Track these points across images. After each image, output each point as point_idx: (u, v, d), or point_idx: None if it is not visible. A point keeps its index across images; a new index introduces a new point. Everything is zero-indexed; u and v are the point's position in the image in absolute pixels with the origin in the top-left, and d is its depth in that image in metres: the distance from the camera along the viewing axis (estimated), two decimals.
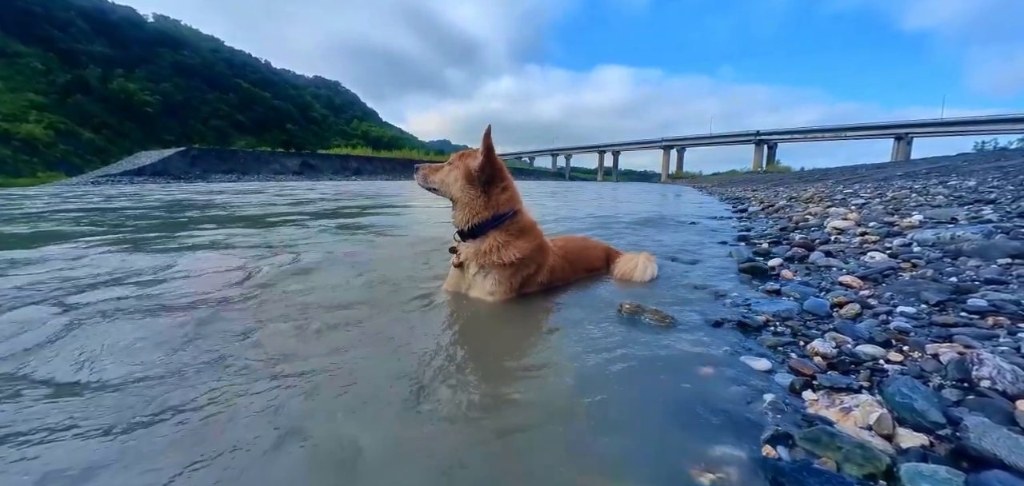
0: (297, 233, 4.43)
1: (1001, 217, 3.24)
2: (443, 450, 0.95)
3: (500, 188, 1.99)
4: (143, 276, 2.48)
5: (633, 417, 1.09)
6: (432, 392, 1.19)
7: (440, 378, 1.28)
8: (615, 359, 1.39)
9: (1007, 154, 15.37)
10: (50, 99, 57.00)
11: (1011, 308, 1.53)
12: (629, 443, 0.99)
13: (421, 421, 1.06)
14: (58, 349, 1.46)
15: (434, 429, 1.03)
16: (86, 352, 1.43)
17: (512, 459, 0.93)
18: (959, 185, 6.06)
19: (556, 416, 1.08)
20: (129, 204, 8.85)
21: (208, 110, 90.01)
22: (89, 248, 3.45)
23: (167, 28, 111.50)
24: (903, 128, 58.58)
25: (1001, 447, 0.85)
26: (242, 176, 35.12)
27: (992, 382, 1.08)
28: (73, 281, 2.36)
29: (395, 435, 1.01)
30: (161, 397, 1.15)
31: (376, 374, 1.30)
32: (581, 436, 1.01)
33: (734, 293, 2.12)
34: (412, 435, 1.01)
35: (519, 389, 1.22)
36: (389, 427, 1.04)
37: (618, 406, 1.13)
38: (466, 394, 1.19)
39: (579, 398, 1.16)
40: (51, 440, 0.98)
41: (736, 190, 15.51)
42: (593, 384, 1.24)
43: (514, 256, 1.96)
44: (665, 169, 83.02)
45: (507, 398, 1.17)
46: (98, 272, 2.57)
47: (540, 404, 1.14)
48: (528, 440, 0.99)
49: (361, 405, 1.12)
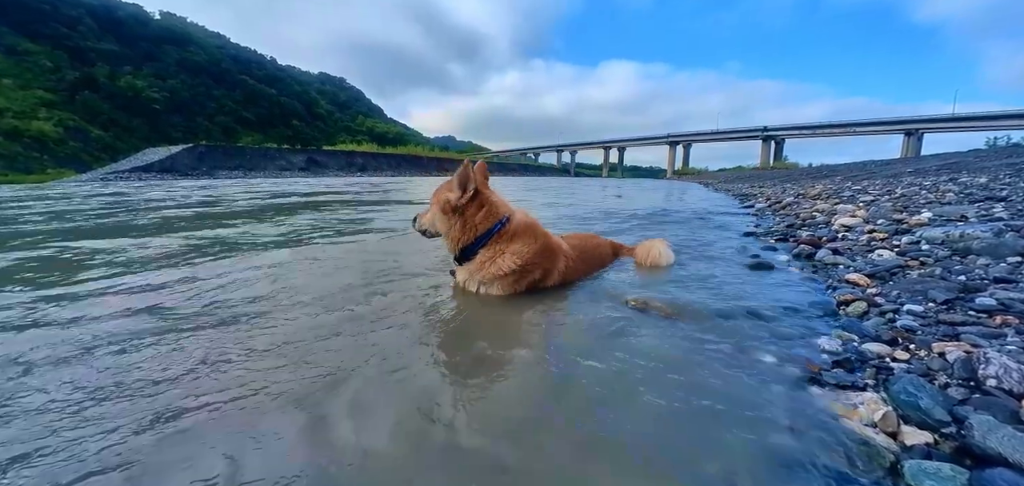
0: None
1: (1012, 215, 3.21)
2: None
3: (475, 208, 1.98)
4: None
5: (646, 420, 1.11)
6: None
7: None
8: (626, 349, 1.41)
9: (1020, 150, 15.13)
10: (59, 96, 57.71)
11: (1019, 307, 1.52)
12: (644, 437, 1.00)
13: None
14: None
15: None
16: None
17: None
18: (970, 182, 5.99)
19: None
20: (167, 199, 8.96)
21: (214, 107, 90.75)
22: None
23: (173, 25, 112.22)
24: (913, 123, 57.79)
25: (1006, 445, 0.85)
26: (248, 172, 35.34)
27: (998, 381, 1.08)
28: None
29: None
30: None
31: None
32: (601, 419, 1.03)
33: (744, 287, 2.13)
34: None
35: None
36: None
37: (623, 404, 1.15)
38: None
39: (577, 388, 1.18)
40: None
41: (743, 186, 15.40)
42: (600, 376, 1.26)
43: (512, 264, 1.94)
44: (671, 165, 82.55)
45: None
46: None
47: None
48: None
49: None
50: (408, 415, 1.08)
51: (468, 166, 1.93)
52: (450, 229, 2.02)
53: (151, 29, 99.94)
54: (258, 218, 5.61)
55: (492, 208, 2.00)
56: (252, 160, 39.92)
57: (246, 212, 6.45)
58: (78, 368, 1.33)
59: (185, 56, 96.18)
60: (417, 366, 1.35)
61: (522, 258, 1.95)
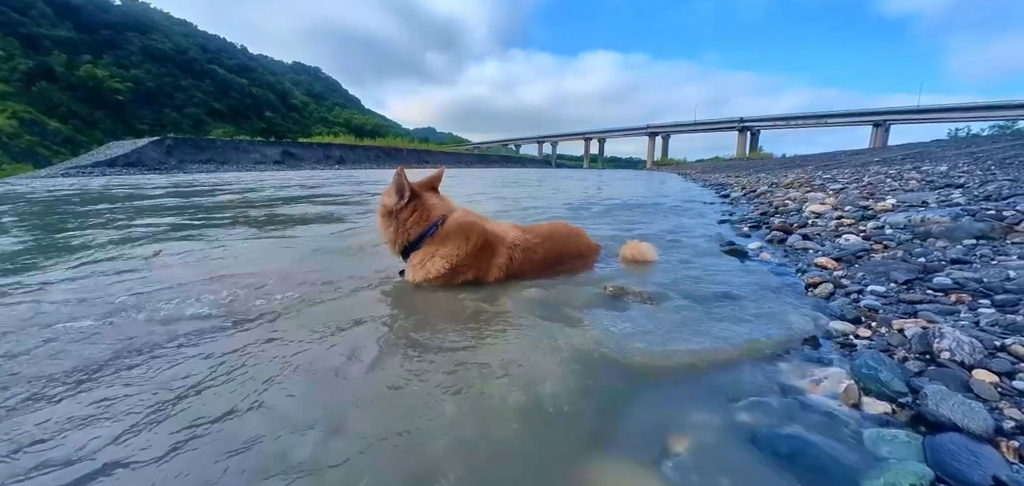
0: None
1: (969, 200, 3.38)
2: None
3: (409, 212, 2.05)
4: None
5: (622, 389, 1.13)
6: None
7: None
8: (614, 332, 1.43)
9: (978, 140, 15.95)
10: (13, 87, 54.30)
11: (973, 285, 1.61)
12: (613, 416, 1.02)
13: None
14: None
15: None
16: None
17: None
18: (931, 170, 6.27)
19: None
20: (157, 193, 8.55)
21: (183, 98, 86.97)
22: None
23: (135, 11, 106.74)
24: (881, 115, 60.11)
25: (956, 412, 0.91)
26: (221, 166, 34.08)
27: (951, 354, 1.14)
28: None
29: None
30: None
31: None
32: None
33: (718, 273, 2.18)
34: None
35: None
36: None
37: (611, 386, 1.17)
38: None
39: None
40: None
41: (719, 176, 15.76)
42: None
43: (441, 268, 1.99)
44: (651, 156, 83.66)
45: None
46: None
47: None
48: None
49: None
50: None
51: (402, 173, 2.02)
52: (387, 231, 2.11)
53: (112, 15, 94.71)
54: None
55: (425, 212, 2.06)
56: (224, 153, 38.50)
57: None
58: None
59: (149, 44, 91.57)
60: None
61: (450, 262, 2.00)
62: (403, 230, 2.06)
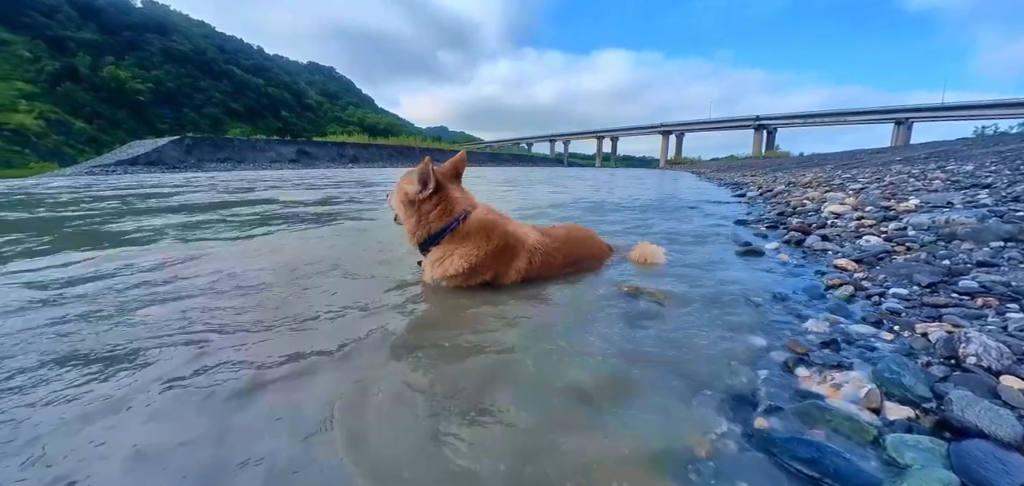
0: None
1: (996, 201, 3.28)
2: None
3: (432, 205, 1.96)
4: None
5: (643, 391, 1.13)
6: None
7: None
8: (633, 338, 1.43)
9: (1006, 139, 15.38)
10: (40, 88, 56.10)
11: (1000, 289, 1.57)
12: (637, 414, 1.03)
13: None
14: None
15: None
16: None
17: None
18: (957, 169, 6.09)
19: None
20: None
21: (201, 98, 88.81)
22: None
23: (155, 13, 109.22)
24: (903, 112, 58.41)
25: (983, 418, 0.89)
26: (238, 164, 34.76)
27: (978, 359, 1.12)
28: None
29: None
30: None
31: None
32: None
33: (734, 273, 2.16)
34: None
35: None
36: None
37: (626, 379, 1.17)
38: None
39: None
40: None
41: (735, 175, 15.52)
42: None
43: (460, 267, 1.93)
44: (664, 155, 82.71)
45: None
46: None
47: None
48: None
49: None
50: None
51: (428, 164, 1.92)
52: (407, 221, 2.04)
53: (133, 17, 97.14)
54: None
55: (448, 205, 1.98)
56: (241, 152, 39.25)
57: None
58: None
59: (169, 45, 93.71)
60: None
61: (470, 261, 1.94)
62: (424, 222, 1.98)
